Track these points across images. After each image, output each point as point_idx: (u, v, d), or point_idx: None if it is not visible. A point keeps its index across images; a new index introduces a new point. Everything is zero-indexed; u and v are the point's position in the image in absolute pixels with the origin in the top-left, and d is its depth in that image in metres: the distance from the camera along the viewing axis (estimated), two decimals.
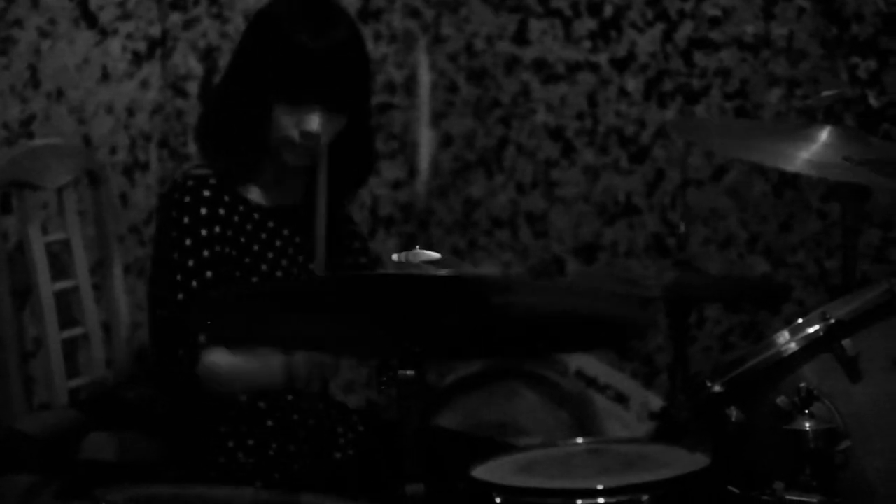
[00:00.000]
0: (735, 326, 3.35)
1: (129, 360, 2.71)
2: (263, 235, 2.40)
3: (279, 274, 2.42)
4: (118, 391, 2.53)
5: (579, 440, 2.50)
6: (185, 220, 2.29)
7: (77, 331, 2.66)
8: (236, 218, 2.36)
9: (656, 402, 3.36)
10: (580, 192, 3.56)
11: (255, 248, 2.38)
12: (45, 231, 2.67)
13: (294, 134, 2.35)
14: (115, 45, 3.07)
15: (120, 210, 3.03)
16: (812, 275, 3.24)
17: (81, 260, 2.67)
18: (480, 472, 2.29)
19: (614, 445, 2.48)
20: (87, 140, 3.01)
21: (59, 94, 2.97)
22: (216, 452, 2.32)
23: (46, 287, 2.55)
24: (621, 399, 3.49)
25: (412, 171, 3.82)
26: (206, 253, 2.28)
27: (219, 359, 2.23)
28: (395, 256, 1.68)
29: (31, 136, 2.89)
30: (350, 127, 2.41)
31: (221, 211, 2.33)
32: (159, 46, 3.16)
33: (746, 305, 3.18)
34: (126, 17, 3.08)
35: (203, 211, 2.31)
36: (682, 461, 2.12)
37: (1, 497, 2.27)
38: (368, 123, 2.52)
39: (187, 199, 2.31)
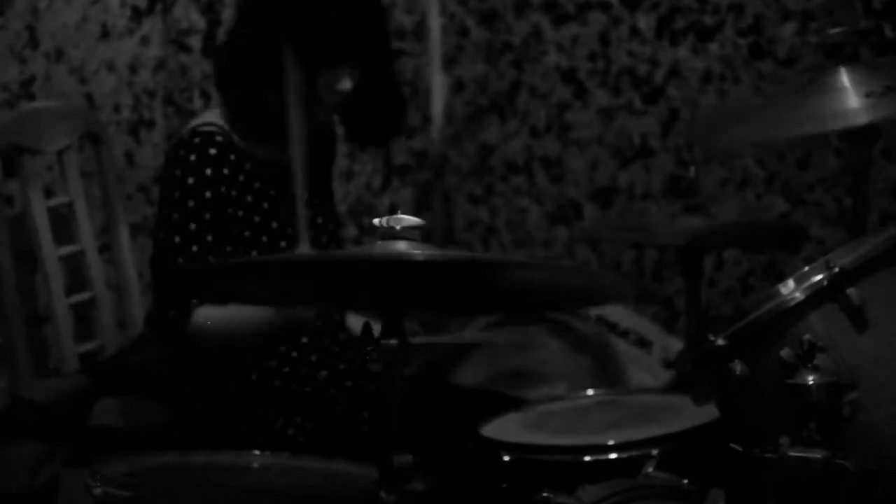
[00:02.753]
0: (755, 267, 3.32)
1: (139, 323, 2.72)
2: (272, 192, 2.39)
3: (290, 231, 2.42)
4: (127, 355, 2.53)
5: (590, 392, 2.49)
6: (190, 180, 2.28)
7: (85, 295, 2.67)
8: (242, 177, 2.34)
9: (678, 347, 3.34)
10: (594, 134, 3.52)
11: (265, 205, 2.37)
12: (48, 195, 2.68)
13: (328, 96, 2.35)
14: (114, 1, 3.05)
15: (126, 170, 3.03)
16: (831, 213, 3.20)
17: (86, 223, 2.68)
18: (489, 430, 2.28)
19: (625, 397, 2.47)
20: (89, 99, 3.00)
21: (59, 53, 2.95)
22: (223, 414, 2.33)
23: (51, 252, 2.56)
24: (643, 344, 3.48)
25: (425, 119, 3.80)
26: (208, 216, 2.28)
27: (208, 313, 2.24)
28: (376, 221, 1.67)
29: (31, 97, 2.88)
30: (374, 75, 2.40)
31: (226, 170, 2.32)
32: (159, 1, 3.14)
33: (764, 247, 3.15)
34: None
35: (208, 171, 2.29)
36: (692, 413, 2.11)
37: (10, 465, 2.29)
38: (393, 72, 2.50)
39: (192, 157, 2.30)
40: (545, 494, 1.84)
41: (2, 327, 2.44)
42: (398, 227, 1.63)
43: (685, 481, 1.93)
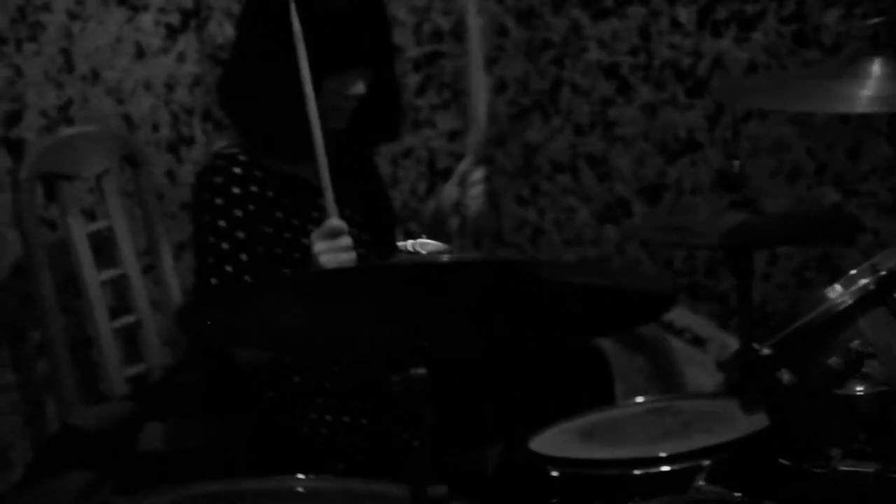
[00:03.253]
0: (809, 260, 3.26)
1: (185, 342, 2.72)
2: (301, 208, 2.37)
3: None
4: (173, 376, 2.53)
5: (639, 399, 2.46)
6: (218, 201, 2.28)
7: (130, 318, 2.67)
8: (270, 193, 2.33)
9: (734, 345, 3.29)
10: (639, 130, 3.48)
11: (295, 221, 2.35)
12: (90, 218, 2.69)
13: (341, 101, 2.33)
14: (147, 20, 3.05)
15: (168, 188, 3.03)
16: (885, 202, 3.14)
17: (127, 246, 2.68)
18: (538, 443, 2.26)
19: (676, 403, 2.43)
20: (127, 120, 3.01)
21: (95, 75, 2.96)
22: (268, 435, 2.32)
23: (92, 277, 2.57)
24: (698, 342, 3.43)
25: (467, 122, 3.76)
26: (240, 234, 2.27)
27: None
28: (400, 244, 1.64)
29: (69, 121, 2.90)
30: (377, 78, 2.38)
31: (254, 188, 2.31)
32: (193, 17, 3.13)
33: (817, 241, 3.09)
34: None
35: (235, 190, 2.29)
36: (743, 421, 2.07)
37: (59, 494, 2.30)
38: (393, 72, 2.48)
39: (218, 179, 2.30)
40: None
41: (47, 355, 2.45)
42: (424, 252, 1.60)
43: (737, 494, 1.90)
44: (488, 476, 2.36)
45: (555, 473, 2.12)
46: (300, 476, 2.03)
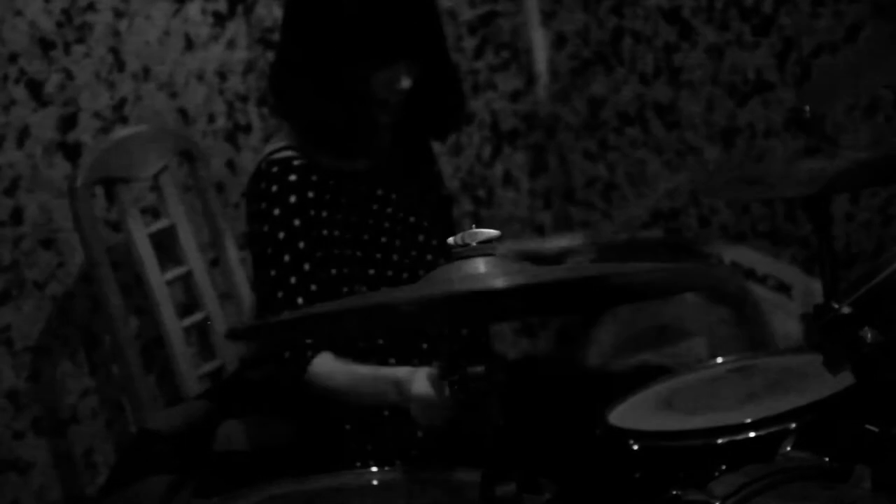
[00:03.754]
0: (894, 196, 3.16)
1: None
2: (365, 204, 2.33)
3: (397, 242, 2.36)
4: (246, 372, 2.51)
5: (719, 360, 2.39)
6: (276, 211, 2.23)
7: (199, 315, 2.66)
8: (328, 196, 2.28)
9: (820, 290, 3.20)
10: (706, 74, 3.37)
11: (354, 219, 2.31)
12: (154, 216, 2.67)
13: (389, 95, 2.28)
14: (194, 10, 3.02)
15: (228, 178, 3.01)
16: None
17: (190, 244, 2.66)
18: (617, 415, 2.21)
19: (759, 361, 2.36)
20: (182, 113, 2.99)
21: (146, 71, 2.94)
22: (345, 429, 2.29)
23: (157, 278, 2.55)
24: (783, 288, 3.35)
25: (529, 79, 3.69)
26: (301, 244, 2.22)
27: (327, 369, 2.18)
28: (450, 240, 1.59)
29: (124, 120, 2.88)
30: (431, 69, 2.32)
31: (311, 193, 2.26)
32: (240, 2, 3.09)
33: None
34: None
35: (292, 199, 2.24)
36: (829, 378, 1.99)
37: (140, 499, 2.30)
38: (448, 60, 2.41)
39: (274, 188, 2.25)
40: (675, 493, 1.76)
41: (118, 360, 2.45)
42: (474, 244, 1.54)
43: (826, 459, 1.83)
44: (568, 453, 2.31)
45: (635, 447, 2.07)
46: (373, 469, 2.01)
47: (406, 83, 2.25)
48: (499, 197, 3.66)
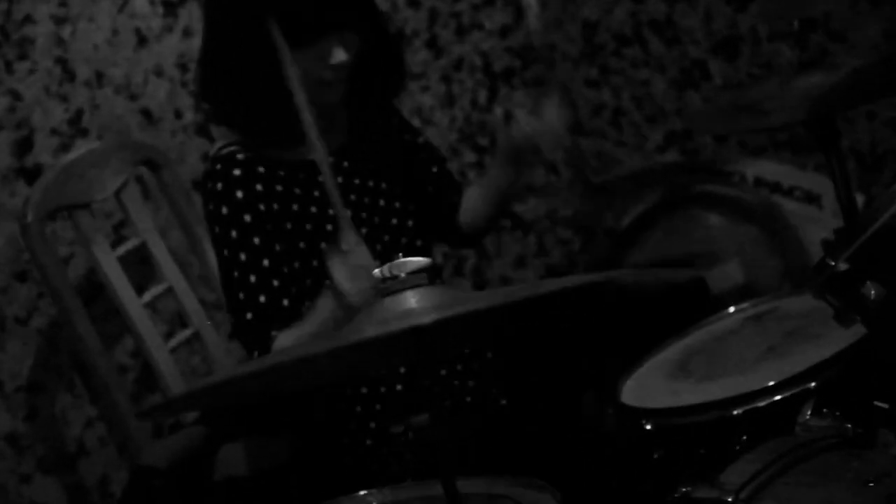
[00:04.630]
0: None
1: None
2: (317, 192, 2.18)
3: (364, 230, 2.22)
4: None
5: (731, 310, 2.23)
6: (224, 210, 2.11)
7: (186, 333, 2.55)
8: (279, 187, 2.15)
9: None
10: None
11: (313, 209, 2.17)
12: (119, 241, 2.55)
13: (324, 73, 2.12)
14: (140, 2, 2.87)
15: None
16: None
17: (166, 259, 2.54)
18: (629, 390, 2.06)
19: (775, 305, 2.20)
20: (146, 114, 2.86)
21: (99, 77, 2.81)
22: (342, 446, 2.18)
23: (133, 304, 2.44)
24: (811, 199, 3.17)
25: (518, 11, 3.50)
26: (256, 240, 2.10)
27: (283, 343, 2.08)
28: (376, 272, 1.45)
29: (84, 133, 2.75)
30: (368, 39, 2.16)
31: (259, 186, 2.13)
32: None
33: None
34: None
35: (238, 194, 2.11)
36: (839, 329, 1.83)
37: None
38: (385, 28, 2.25)
39: (219, 186, 2.12)
40: (684, 489, 1.62)
41: (104, 402, 2.35)
42: (403, 275, 1.40)
43: (848, 426, 1.68)
44: (585, 430, 2.18)
45: (649, 427, 1.93)
46: (372, 490, 1.89)
47: (340, 56, 2.09)
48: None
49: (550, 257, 3.56)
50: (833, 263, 1.58)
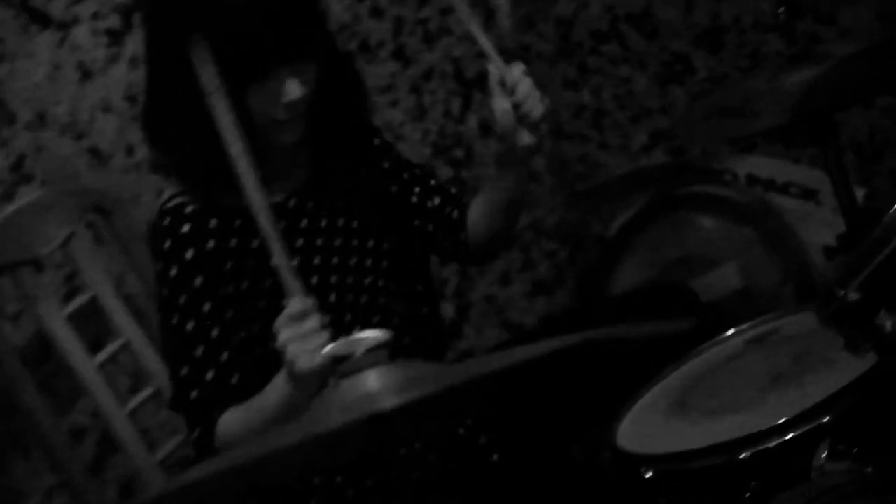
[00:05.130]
0: None
1: None
2: (287, 242, 2.01)
3: (333, 279, 2.05)
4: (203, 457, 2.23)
5: (730, 332, 2.07)
6: (173, 272, 1.93)
7: (146, 392, 2.38)
8: (234, 241, 1.97)
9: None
10: None
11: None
12: (71, 293, 2.39)
13: (278, 112, 1.94)
14: (82, 33, 2.70)
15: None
16: None
17: (121, 312, 2.37)
18: (626, 431, 1.90)
19: (779, 325, 2.04)
20: (94, 153, 2.69)
21: (41, 117, 2.64)
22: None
23: (85, 366, 2.27)
24: (808, 194, 3.01)
25: (489, 11, 3.34)
26: (206, 307, 1.92)
27: (228, 426, 1.91)
28: (328, 349, 1.29)
29: (28, 179, 2.59)
30: (325, 67, 1.99)
31: (211, 243, 1.95)
32: (134, 12, 2.77)
33: None
34: None
35: (189, 254, 1.93)
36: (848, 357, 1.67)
37: None
38: (339, 51, 2.08)
39: (167, 244, 1.95)
40: None
41: (57, 471, 2.18)
42: (359, 354, 1.23)
43: (869, 469, 1.52)
44: (580, 479, 2.02)
45: (648, 475, 1.77)
46: None
47: (296, 92, 1.91)
48: (479, 152, 3.34)
49: (537, 271, 3.40)
50: (843, 293, 1.42)
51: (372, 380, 1.20)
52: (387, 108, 3.18)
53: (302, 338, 1.72)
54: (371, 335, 1.23)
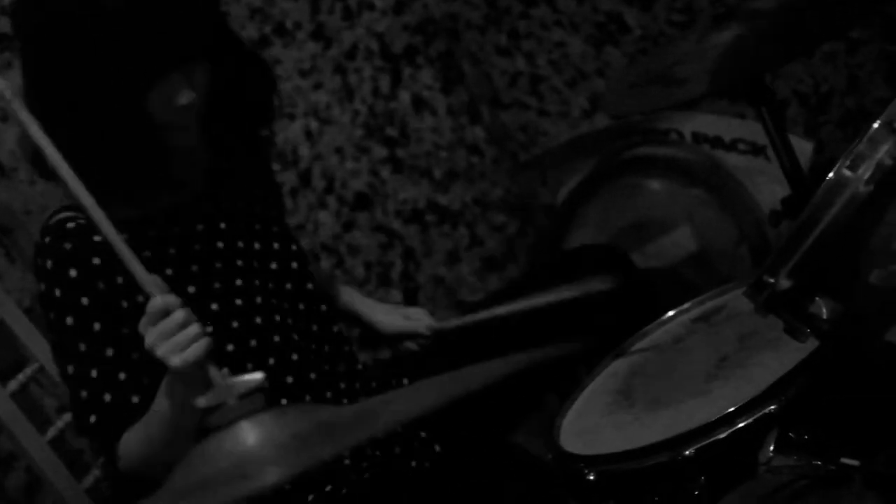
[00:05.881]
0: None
1: None
2: (172, 250, 1.90)
3: (238, 282, 1.95)
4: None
5: (671, 313, 1.97)
6: (57, 292, 1.82)
7: (66, 417, 2.27)
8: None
9: (802, 146, 2.76)
10: None
11: (168, 271, 1.88)
12: None
13: (171, 117, 1.83)
14: None
15: None
16: None
17: (31, 336, 2.26)
18: (569, 428, 1.81)
19: (722, 301, 1.94)
20: None
21: None
22: None
23: None
24: (757, 150, 2.91)
25: None
26: (97, 326, 1.81)
27: (128, 445, 1.81)
28: (200, 400, 1.18)
29: None
30: (221, 65, 1.88)
31: (96, 260, 1.83)
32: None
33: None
34: None
35: (72, 273, 1.82)
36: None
37: None
38: (240, 46, 1.97)
39: (49, 263, 1.84)
40: None
41: None
42: (232, 401, 1.12)
43: (819, 462, 1.43)
44: (525, 474, 1.93)
45: (592, 477, 1.68)
46: None
47: (187, 97, 1.80)
48: (414, 129, 3.23)
49: (486, 247, 3.30)
50: (773, 281, 1.32)
51: (249, 436, 1.08)
52: (311, 92, 3.07)
53: (168, 335, 1.62)
54: (244, 379, 1.13)
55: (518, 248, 3.36)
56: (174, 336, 1.61)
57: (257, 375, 1.14)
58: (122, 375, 1.81)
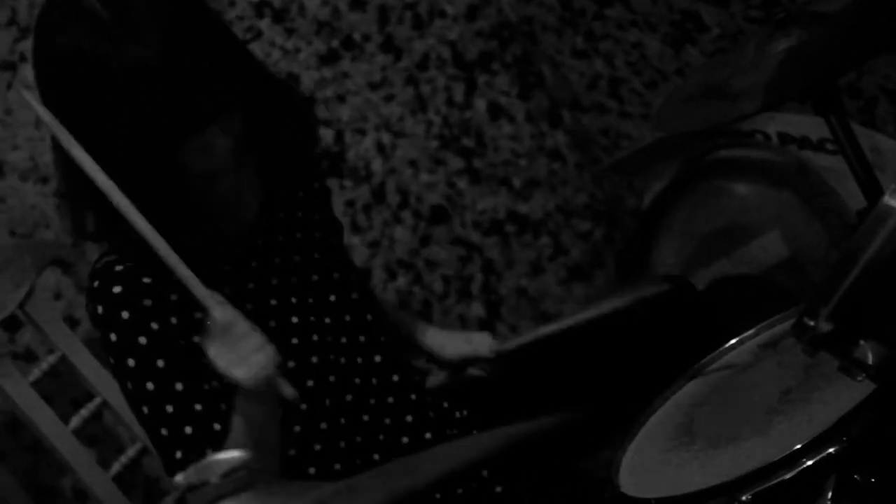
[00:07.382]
0: None
1: None
2: (236, 289, 1.90)
3: (295, 319, 1.94)
4: None
5: (733, 342, 1.90)
6: (113, 337, 1.81)
7: (129, 453, 2.28)
8: (174, 295, 1.84)
9: (887, 144, 2.67)
10: None
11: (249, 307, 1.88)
12: (31, 358, 2.30)
13: (206, 166, 1.81)
14: (31, 71, 2.59)
15: None
16: None
17: (93, 369, 2.27)
18: (628, 466, 1.76)
19: (786, 326, 1.87)
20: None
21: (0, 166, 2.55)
22: None
23: (60, 434, 2.18)
24: None
25: None
26: (160, 363, 1.81)
27: None
28: (179, 478, 1.16)
29: None
30: (255, 107, 1.86)
31: (147, 301, 1.83)
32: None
33: None
34: None
35: (125, 315, 1.82)
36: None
37: None
38: (273, 83, 1.95)
39: (100, 309, 1.84)
40: None
41: None
42: (214, 479, 1.10)
43: None
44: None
45: None
46: None
47: (223, 144, 1.79)
48: (491, 137, 3.19)
49: (571, 256, 3.25)
50: (813, 324, 1.26)
51: None
52: (383, 105, 3.05)
53: (230, 348, 1.62)
54: (226, 457, 1.10)
55: (606, 255, 3.31)
56: (235, 350, 1.63)
57: (237, 453, 1.11)
58: (197, 406, 1.81)
